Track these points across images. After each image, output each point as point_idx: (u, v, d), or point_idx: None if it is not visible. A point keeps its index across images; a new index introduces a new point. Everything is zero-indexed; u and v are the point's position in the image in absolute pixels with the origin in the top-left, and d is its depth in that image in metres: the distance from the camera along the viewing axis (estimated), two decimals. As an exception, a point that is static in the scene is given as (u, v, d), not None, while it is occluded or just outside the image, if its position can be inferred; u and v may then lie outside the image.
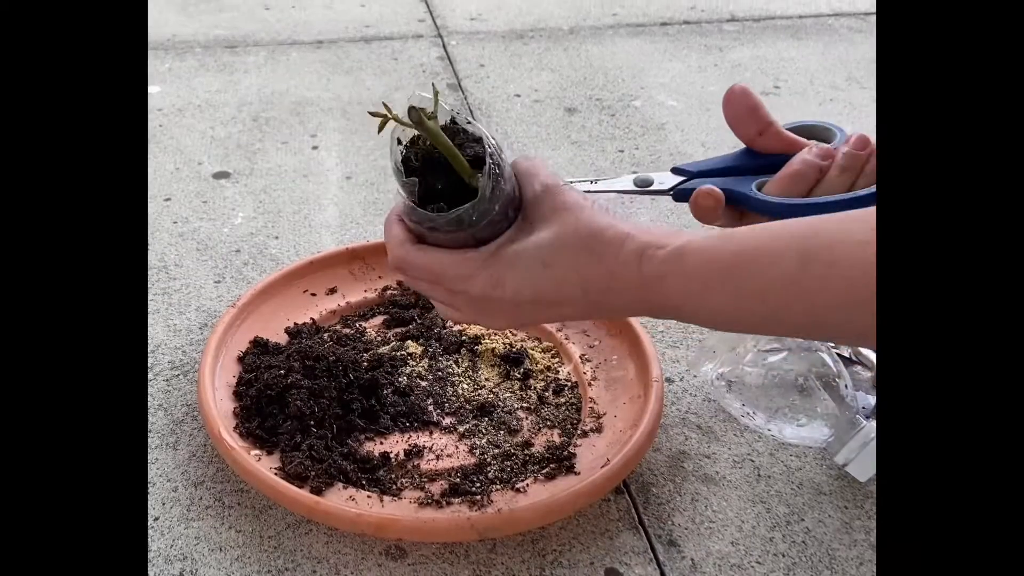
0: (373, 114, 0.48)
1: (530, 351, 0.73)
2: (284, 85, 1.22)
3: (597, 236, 0.49)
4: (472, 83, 1.24)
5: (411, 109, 0.48)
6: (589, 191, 0.61)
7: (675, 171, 0.61)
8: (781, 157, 0.58)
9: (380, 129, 0.49)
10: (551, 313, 0.52)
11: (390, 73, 1.27)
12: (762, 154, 0.59)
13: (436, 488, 0.60)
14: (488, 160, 0.49)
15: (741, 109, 0.59)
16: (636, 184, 0.61)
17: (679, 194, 0.60)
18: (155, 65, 1.27)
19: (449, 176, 0.50)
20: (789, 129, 0.60)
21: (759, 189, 0.57)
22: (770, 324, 0.47)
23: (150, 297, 0.80)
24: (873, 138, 0.56)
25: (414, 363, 0.72)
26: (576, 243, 0.49)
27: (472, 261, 0.51)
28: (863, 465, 0.63)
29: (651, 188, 0.61)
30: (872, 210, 0.42)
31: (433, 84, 0.51)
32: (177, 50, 1.32)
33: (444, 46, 1.36)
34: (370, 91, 1.21)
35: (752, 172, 0.59)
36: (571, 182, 0.60)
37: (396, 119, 0.48)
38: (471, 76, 1.26)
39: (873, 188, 0.55)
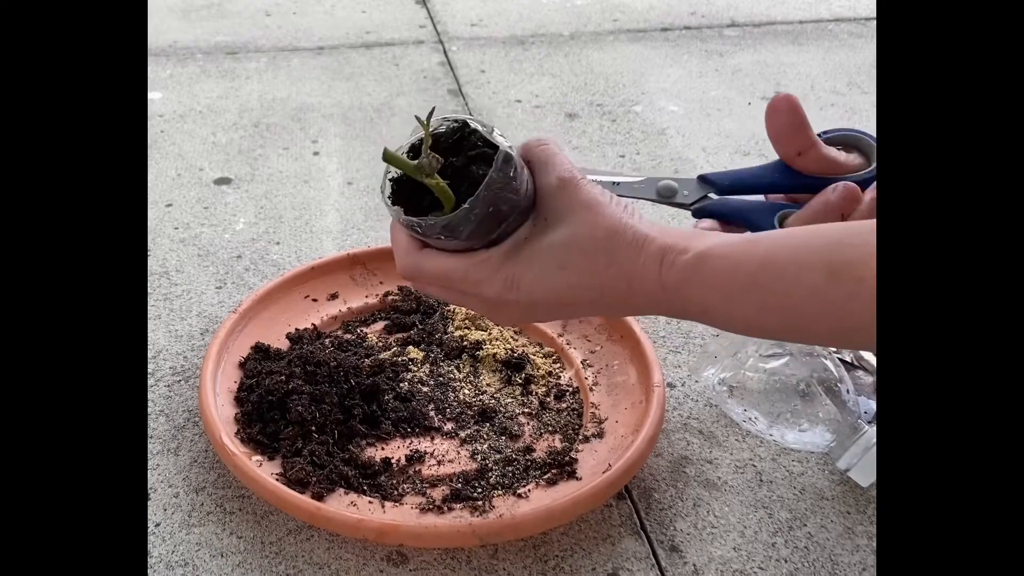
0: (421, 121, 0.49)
1: (531, 356, 0.73)
2: (285, 91, 1.22)
3: (615, 238, 0.48)
4: (473, 89, 1.24)
5: (412, 147, 0.49)
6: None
7: (701, 180, 0.58)
8: (816, 178, 0.55)
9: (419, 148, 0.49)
10: (566, 312, 0.52)
11: (391, 79, 1.27)
12: (797, 172, 0.56)
13: (437, 494, 0.60)
14: (480, 189, 0.47)
15: (785, 125, 0.55)
16: (659, 193, 0.59)
17: (699, 212, 0.57)
18: (156, 71, 1.27)
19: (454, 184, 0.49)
20: (823, 138, 0.56)
21: (780, 223, 0.55)
22: (794, 334, 0.47)
23: (152, 303, 0.80)
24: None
25: (415, 368, 0.72)
26: (593, 245, 0.48)
27: (486, 264, 0.49)
28: (865, 470, 0.63)
29: (674, 200, 0.58)
30: None
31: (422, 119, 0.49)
32: (178, 56, 1.32)
33: (445, 52, 1.36)
34: (371, 97, 1.21)
35: (784, 190, 0.57)
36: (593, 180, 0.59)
37: (394, 160, 0.48)
38: (472, 82, 1.26)
39: None
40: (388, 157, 0.48)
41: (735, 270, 0.45)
